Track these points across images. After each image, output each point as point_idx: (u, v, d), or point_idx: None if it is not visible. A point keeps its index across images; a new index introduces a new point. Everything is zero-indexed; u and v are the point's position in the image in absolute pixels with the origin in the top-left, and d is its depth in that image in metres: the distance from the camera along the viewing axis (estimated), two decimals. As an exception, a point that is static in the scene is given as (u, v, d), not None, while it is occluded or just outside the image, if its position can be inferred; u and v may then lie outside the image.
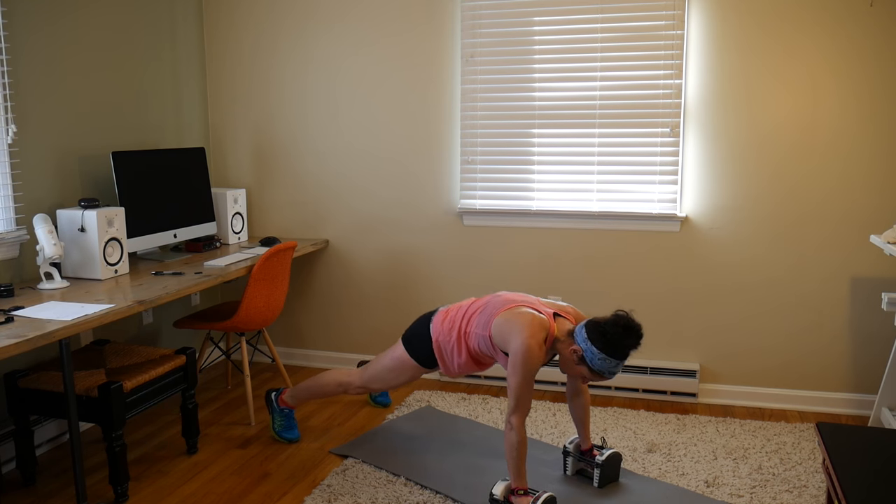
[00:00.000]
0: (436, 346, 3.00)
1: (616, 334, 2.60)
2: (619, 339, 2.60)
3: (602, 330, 2.61)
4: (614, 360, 2.62)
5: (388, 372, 3.14)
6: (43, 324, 2.55)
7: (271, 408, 3.44)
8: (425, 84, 4.08)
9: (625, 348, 2.60)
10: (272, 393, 3.44)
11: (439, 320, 3.02)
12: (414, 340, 3.07)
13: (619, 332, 2.60)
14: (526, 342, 2.66)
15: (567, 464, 3.05)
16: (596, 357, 2.62)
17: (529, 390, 2.67)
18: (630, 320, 2.62)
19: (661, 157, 3.79)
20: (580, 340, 2.66)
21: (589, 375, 2.69)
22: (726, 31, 3.64)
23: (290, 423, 3.43)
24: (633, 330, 2.61)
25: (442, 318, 3.01)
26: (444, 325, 2.99)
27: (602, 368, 2.63)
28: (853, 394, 3.73)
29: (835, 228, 3.65)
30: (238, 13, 4.32)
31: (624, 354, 2.61)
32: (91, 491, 2.99)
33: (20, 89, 3.21)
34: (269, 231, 4.49)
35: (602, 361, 2.62)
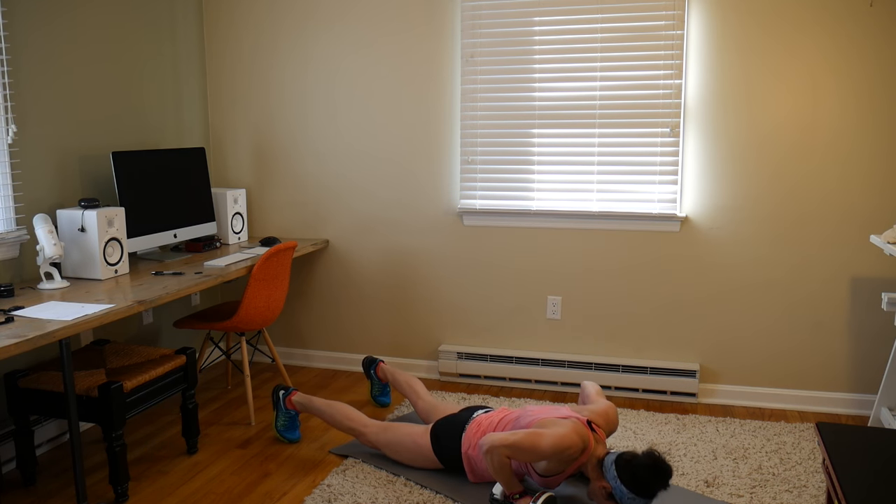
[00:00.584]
0: (465, 457, 2.94)
1: (646, 477, 2.55)
2: (649, 482, 2.55)
3: (633, 472, 2.56)
4: (643, 500, 2.58)
5: (405, 451, 3.08)
6: (43, 324, 2.55)
7: (277, 405, 3.42)
8: (425, 84, 4.08)
9: (655, 490, 2.56)
10: (280, 391, 3.43)
11: (472, 431, 2.94)
12: (443, 441, 3.00)
13: (649, 476, 2.55)
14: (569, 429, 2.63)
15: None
16: (626, 496, 2.58)
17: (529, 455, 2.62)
18: (660, 462, 2.57)
19: (661, 157, 3.79)
20: (609, 478, 2.61)
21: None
22: (726, 31, 3.64)
23: (294, 423, 3.42)
24: (664, 472, 2.56)
25: (475, 430, 2.94)
26: (476, 437, 2.92)
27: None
28: (853, 394, 3.73)
29: (835, 228, 3.65)
30: (238, 13, 4.32)
31: (653, 495, 2.57)
32: (91, 491, 2.99)
33: (20, 89, 3.21)
34: (269, 231, 4.49)
35: (631, 501, 2.58)
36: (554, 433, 2.64)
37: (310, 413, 3.35)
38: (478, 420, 2.98)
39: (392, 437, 3.11)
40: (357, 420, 3.20)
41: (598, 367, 3.96)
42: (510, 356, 4.07)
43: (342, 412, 3.24)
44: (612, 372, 3.94)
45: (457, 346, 4.19)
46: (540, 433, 2.64)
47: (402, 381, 3.54)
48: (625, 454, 2.62)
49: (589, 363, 3.97)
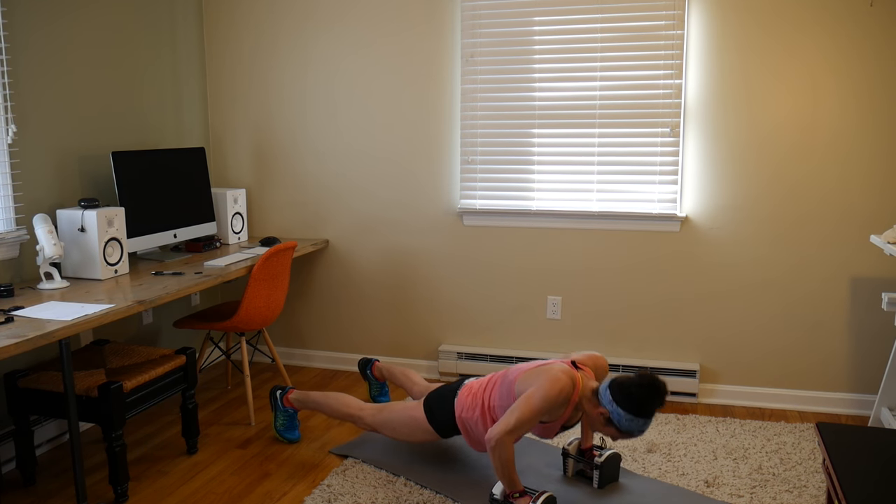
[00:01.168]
0: (459, 421, 2.95)
1: (642, 395, 2.59)
2: (645, 400, 2.59)
3: (628, 392, 2.60)
4: (642, 420, 2.61)
5: (401, 426, 3.08)
6: (43, 324, 2.55)
7: (275, 405, 3.42)
8: (425, 84, 4.08)
9: (652, 408, 2.60)
10: (278, 391, 3.43)
11: (464, 395, 2.96)
12: (436, 410, 3.01)
13: (644, 393, 2.59)
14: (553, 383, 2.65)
15: (566, 465, 3.05)
16: (624, 418, 2.61)
17: (533, 421, 2.65)
18: (654, 380, 2.62)
19: (661, 157, 3.79)
20: (605, 402, 2.65)
21: (618, 435, 2.67)
22: (726, 31, 3.64)
23: (293, 423, 3.42)
24: (658, 390, 2.60)
25: (466, 394, 2.96)
26: (468, 400, 2.94)
27: (631, 429, 2.63)
28: (853, 394, 3.73)
29: (835, 228, 3.65)
30: (238, 13, 4.32)
31: (651, 413, 2.61)
32: (91, 491, 2.99)
33: (20, 89, 3.21)
34: (269, 231, 4.49)
35: (630, 422, 2.61)
36: (541, 386, 2.66)
37: (308, 408, 3.35)
38: (468, 385, 3.01)
39: (388, 415, 3.12)
40: (353, 405, 3.22)
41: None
42: (510, 356, 4.07)
43: (338, 400, 3.25)
44: (611, 372, 3.94)
45: (457, 346, 4.19)
46: (529, 396, 2.66)
47: (398, 373, 3.56)
48: (618, 377, 2.67)
49: (589, 363, 3.97)
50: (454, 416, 2.96)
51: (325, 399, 3.27)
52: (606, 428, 2.68)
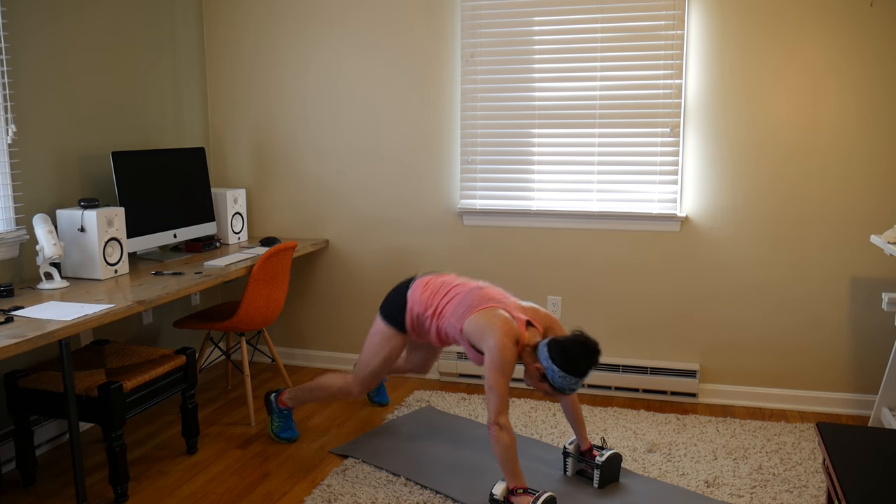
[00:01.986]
0: (409, 313, 3.04)
1: (576, 354, 2.67)
2: (579, 359, 2.67)
3: (563, 350, 2.68)
4: (574, 378, 2.69)
5: (374, 357, 3.14)
6: (43, 324, 2.55)
7: (270, 409, 3.44)
8: (425, 84, 4.08)
9: (585, 367, 2.68)
10: (272, 394, 3.44)
11: (418, 289, 3.05)
12: (390, 308, 3.10)
13: (578, 352, 2.67)
14: (501, 340, 2.73)
15: (567, 465, 3.06)
16: (557, 375, 2.69)
17: (508, 387, 2.74)
18: (588, 339, 2.71)
19: (661, 157, 3.79)
20: (542, 359, 2.73)
21: (551, 391, 2.77)
22: (726, 31, 3.64)
23: (288, 423, 3.42)
24: (592, 349, 2.69)
25: (421, 289, 3.05)
26: (423, 296, 3.03)
27: (563, 386, 2.71)
28: (853, 394, 3.73)
29: (835, 228, 3.65)
30: (238, 13, 4.32)
31: (583, 373, 2.69)
32: (91, 491, 2.99)
33: (20, 89, 3.21)
34: (269, 231, 4.49)
35: (562, 379, 2.69)
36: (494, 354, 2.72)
37: (302, 401, 3.35)
38: (424, 280, 3.08)
39: (362, 361, 3.19)
40: (338, 381, 3.26)
41: (598, 366, 3.95)
42: (510, 356, 4.07)
43: (324, 381, 3.28)
44: (612, 372, 3.94)
45: (457, 346, 4.19)
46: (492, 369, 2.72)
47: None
48: (556, 337, 2.74)
49: (589, 363, 3.97)
50: (407, 308, 3.04)
51: (314, 384, 3.30)
52: (541, 384, 2.77)
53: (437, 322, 2.99)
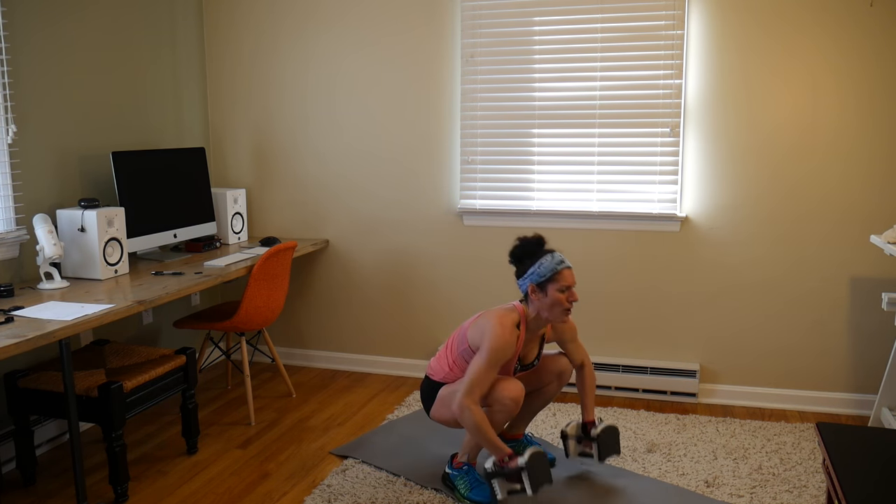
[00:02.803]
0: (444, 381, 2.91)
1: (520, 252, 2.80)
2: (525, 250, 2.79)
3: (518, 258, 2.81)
4: (546, 257, 2.76)
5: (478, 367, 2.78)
6: (43, 324, 2.55)
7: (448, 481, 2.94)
8: (425, 84, 4.08)
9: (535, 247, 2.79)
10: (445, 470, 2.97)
11: (433, 365, 2.96)
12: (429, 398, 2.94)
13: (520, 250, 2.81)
14: (494, 327, 2.71)
15: (567, 447, 3.04)
16: (537, 270, 2.74)
17: (488, 377, 2.68)
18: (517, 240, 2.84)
19: (661, 157, 3.79)
20: (523, 287, 2.79)
21: (558, 286, 2.73)
22: (726, 31, 3.64)
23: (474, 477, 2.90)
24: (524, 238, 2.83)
25: (434, 363, 2.97)
26: (436, 366, 2.95)
27: (550, 266, 2.73)
28: (853, 394, 3.73)
29: (835, 228, 3.65)
30: (238, 13, 4.32)
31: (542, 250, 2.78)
32: (91, 491, 2.99)
33: (20, 89, 3.21)
34: (269, 231, 4.49)
35: (542, 267, 2.74)
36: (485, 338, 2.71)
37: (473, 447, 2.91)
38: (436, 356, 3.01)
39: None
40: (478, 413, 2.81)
41: (598, 367, 3.95)
42: (510, 356, 4.07)
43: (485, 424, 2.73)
44: (612, 372, 3.94)
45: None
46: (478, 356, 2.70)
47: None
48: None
49: (589, 363, 3.97)
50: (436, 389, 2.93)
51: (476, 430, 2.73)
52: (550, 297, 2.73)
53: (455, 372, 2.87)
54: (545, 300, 2.75)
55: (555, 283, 2.73)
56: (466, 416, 2.66)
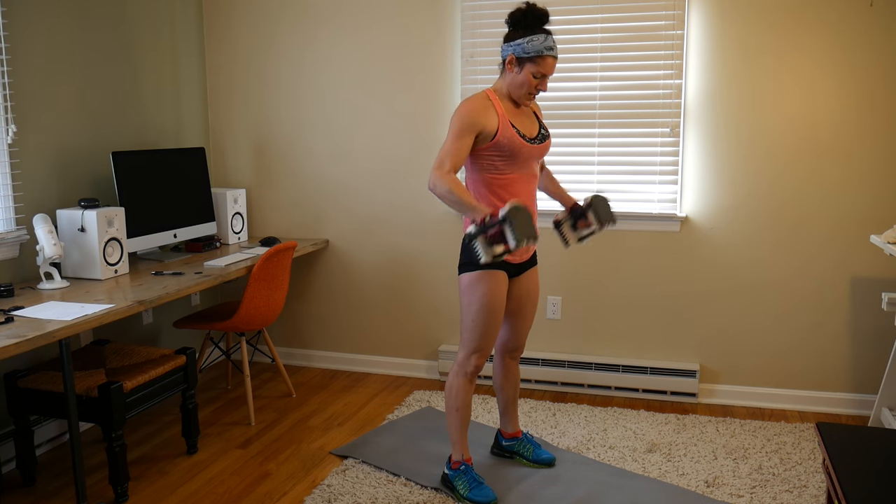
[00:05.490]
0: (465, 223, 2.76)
1: (518, 18, 2.63)
2: (526, 17, 2.62)
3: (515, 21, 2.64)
4: (541, 35, 2.60)
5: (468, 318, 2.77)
6: (43, 324, 2.55)
7: (448, 482, 2.93)
8: (425, 84, 4.08)
9: (537, 21, 2.62)
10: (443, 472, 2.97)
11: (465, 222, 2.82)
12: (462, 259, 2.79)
13: (521, 14, 2.63)
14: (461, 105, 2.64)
15: (563, 233, 2.93)
16: (525, 44, 2.60)
17: (458, 149, 2.58)
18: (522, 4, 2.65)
19: (661, 157, 3.79)
20: (504, 52, 2.66)
21: (535, 69, 2.62)
22: (726, 31, 3.64)
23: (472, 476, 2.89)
24: (531, 5, 2.62)
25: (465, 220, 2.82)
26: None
27: (538, 47, 2.59)
28: (853, 394, 3.73)
29: (835, 228, 3.65)
30: (238, 13, 4.32)
31: (543, 29, 2.62)
32: (91, 491, 2.99)
33: (20, 89, 3.21)
34: (269, 231, 4.49)
35: (531, 43, 2.59)
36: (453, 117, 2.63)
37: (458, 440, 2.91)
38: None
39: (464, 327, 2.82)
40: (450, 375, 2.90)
41: (598, 367, 3.96)
42: (510, 356, 4.07)
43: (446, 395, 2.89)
44: (612, 372, 3.94)
45: (457, 346, 4.19)
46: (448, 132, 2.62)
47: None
48: None
49: (589, 363, 3.97)
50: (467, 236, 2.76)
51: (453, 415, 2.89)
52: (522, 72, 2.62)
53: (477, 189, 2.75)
54: (517, 77, 2.65)
55: (534, 65, 2.62)
56: (438, 186, 2.54)
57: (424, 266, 4.22)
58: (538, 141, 2.78)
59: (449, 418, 2.90)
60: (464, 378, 2.86)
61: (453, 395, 2.87)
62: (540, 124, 2.85)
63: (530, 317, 3.03)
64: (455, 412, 2.88)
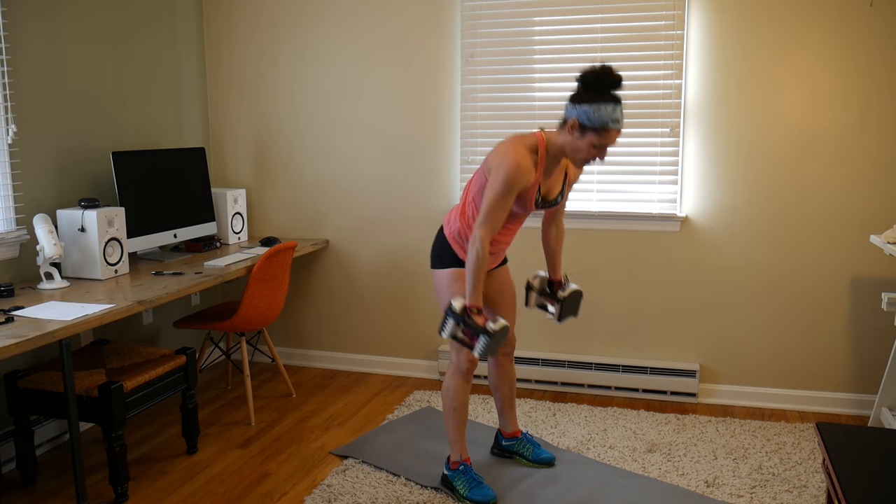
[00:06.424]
0: (452, 242, 2.82)
1: (593, 81, 2.52)
2: (598, 83, 2.51)
3: (582, 84, 2.54)
4: (609, 106, 2.50)
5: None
6: (43, 324, 2.55)
7: (448, 483, 2.92)
8: (425, 84, 4.08)
9: (609, 86, 2.51)
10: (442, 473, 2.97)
11: (446, 220, 2.88)
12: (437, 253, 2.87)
13: (594, 78, 2.52)
14: (508, 156, 2.55)
15: (528, 297, 2.99)
16: (591, 112, 2.50)
17: (503, 208, 2.58)
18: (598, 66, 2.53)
19: (661, 157, 3.79)
20: (569, 113, 2.56)
21: (597, 140, 2.54)
22: (726, 31, 3.64)
23: (471, 477, 2.89)
24: (606, 68, 2.52)
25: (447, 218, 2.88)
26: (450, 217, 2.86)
27: (604, 118, 2.50)
28: (853, 394, 3.73)
29: (835, 228, 3.65)
30: (238, 13, 4.32)
31: (612, 96, 2.52)
32: (91, 491, 2.99)
33: (20, 89, 3.21)
34: (269, 231, 4.49)
35: (598, 113, 2.50)
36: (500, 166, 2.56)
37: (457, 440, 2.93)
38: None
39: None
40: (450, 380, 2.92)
41: (598, 367, 3.96)
42: (510, 356, 4.07)
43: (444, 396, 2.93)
44: (612, 372, 3.94)
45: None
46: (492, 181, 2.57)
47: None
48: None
49: (589, 363, 3.97)
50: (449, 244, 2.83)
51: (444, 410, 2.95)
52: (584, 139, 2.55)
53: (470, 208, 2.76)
54: (577, 142, 2.57)
55: (596, 136, 2.53)
56: (475, 248, 2.57)
57: (424, 266, 4.22)
58: (550, 205, 2.80)
59: (447, 419, 2.91)
60: (460, 377, 2.87)
61: (450, 396, 2.89)
62: (563, 187, 2.81)
63: (510, 311, 3.07)
64: (452, 412, 2.89)
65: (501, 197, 2.57)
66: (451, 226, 2.85)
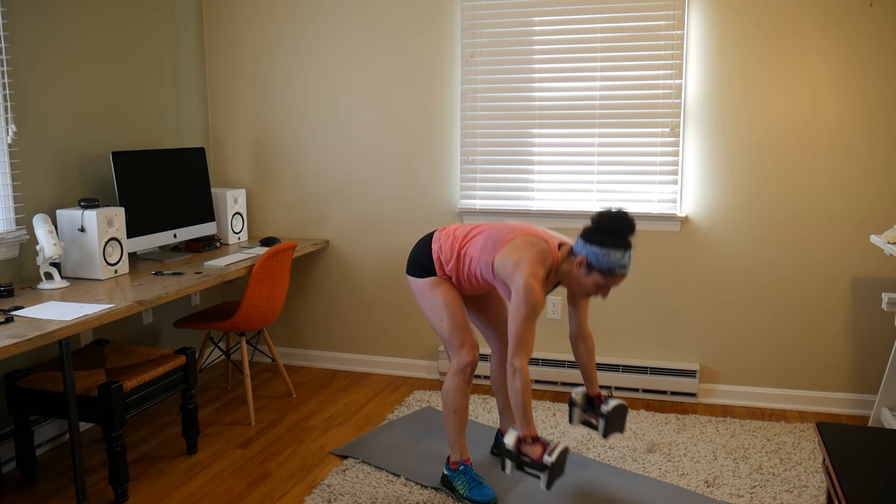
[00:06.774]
0: (438, 261, 2.87)
1: (608, 224, 2.58)
2: (613, 227, 2.57)
3: (596, 227, 2.60)
4: (619, 251, 2.56)
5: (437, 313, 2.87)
6: (43, 324, 2.55)
7: (448, 483, 2.93)
8: (425, 84, 4.08)
9: (622, 234, 2.57)
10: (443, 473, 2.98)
11: (441, 237, 2.89)
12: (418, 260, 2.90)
13: (610, 222, 2.58)
14: (528, 281, 2.60)
15: (573, 414, 3.01)
16: (601, 255, 2.56)
17: (532, 330, 2.63)
18: (615, 209, 2.61)
19: (661, 157, 3.79)
20: (579, 249, 2.62)
21: (602, 281, 2.61)
22: (726, 31, 3.64)
23: (471, 476, 2.90)
24: (623, 214, 2.58)
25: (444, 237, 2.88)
26: (444, 240, 2.86)
27: (612, 264, 2.56)
28: (853, 394, 3.73)
29: (835, 228, 3.65)
30: (239, 13, 4.32)
31: (624, 242, 2.57)
32: (91, 491, 2.99)
33: (20, 89, 3.21)
34: (269, 231, 4.49)
35: (607, 257, 2.56)
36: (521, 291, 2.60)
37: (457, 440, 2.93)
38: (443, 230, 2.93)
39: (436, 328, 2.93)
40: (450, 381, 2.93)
41: (598, 367, 3.95)
42: (510, 356, 4.07)
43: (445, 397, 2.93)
44: (612, 372, 3.94)
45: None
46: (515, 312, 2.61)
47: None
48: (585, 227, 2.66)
49: (589, 363, 3.97)
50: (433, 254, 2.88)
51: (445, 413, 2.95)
52: (589, 277, 2.62)
53: (469, 267, 2.81)
54: (583, 278, 2.64)
55: (602, 277, 2.61)
56: (518, 379, 2.61)
57: (424, 266, 4.22)
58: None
59: (447, 420, 2.91)
60: (460, 378, 2.87)
61: (450, 398, 2.89)
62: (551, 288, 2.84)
63: (503, 310, 3.09)
64: (453, 414, 2.89)
65: (528, 321, 2.62)
66: (443, 250, 2.87)
